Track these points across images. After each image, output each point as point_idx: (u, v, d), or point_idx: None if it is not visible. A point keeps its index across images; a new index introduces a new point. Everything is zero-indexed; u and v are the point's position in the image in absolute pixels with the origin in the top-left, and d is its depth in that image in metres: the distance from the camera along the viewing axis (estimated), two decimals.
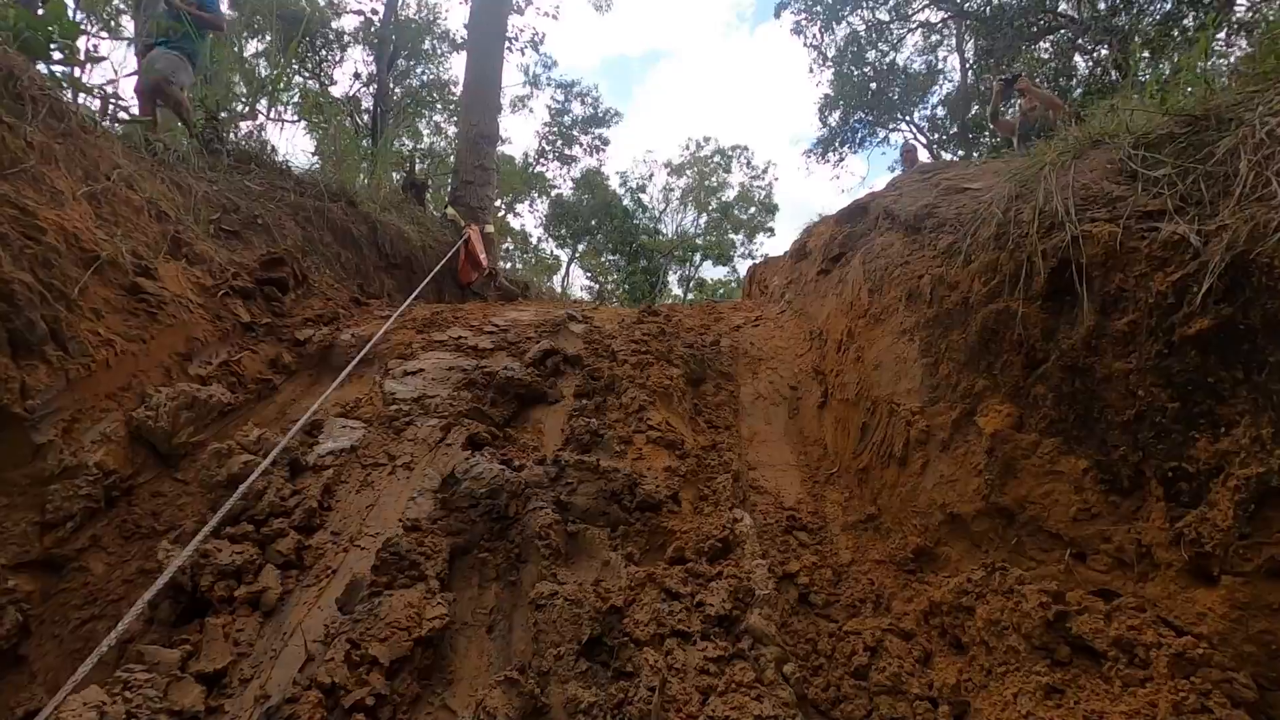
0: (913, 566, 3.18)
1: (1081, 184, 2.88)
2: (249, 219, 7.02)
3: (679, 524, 3.22)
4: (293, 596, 2.71)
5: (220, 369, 4.12)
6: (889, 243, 4.19)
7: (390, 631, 2.40)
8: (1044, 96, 7.78)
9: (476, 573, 2.85)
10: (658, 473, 3.54)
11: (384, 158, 13.22)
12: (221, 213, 6.70)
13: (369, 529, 3.06)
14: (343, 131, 14.60)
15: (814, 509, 3.89)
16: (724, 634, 2.56)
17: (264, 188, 7.93)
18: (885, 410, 3.57)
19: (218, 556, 2.66)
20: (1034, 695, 2.27)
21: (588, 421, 3.79)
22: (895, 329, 3.75)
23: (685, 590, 2.69)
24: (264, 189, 7.90)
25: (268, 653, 2.48)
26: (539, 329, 5.09)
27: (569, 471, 3.17)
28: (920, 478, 3.24)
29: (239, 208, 7.07)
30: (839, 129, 26.89)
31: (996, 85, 8.19)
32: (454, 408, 3.84)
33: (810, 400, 4.67)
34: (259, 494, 2.98)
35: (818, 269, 5.62)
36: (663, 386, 4.20)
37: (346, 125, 20.13)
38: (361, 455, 3.52)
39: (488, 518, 2.96)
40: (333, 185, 9.31)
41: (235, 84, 13.96)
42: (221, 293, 4.54)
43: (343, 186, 9.53)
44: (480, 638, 2.64)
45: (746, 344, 5.32)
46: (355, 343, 4.90)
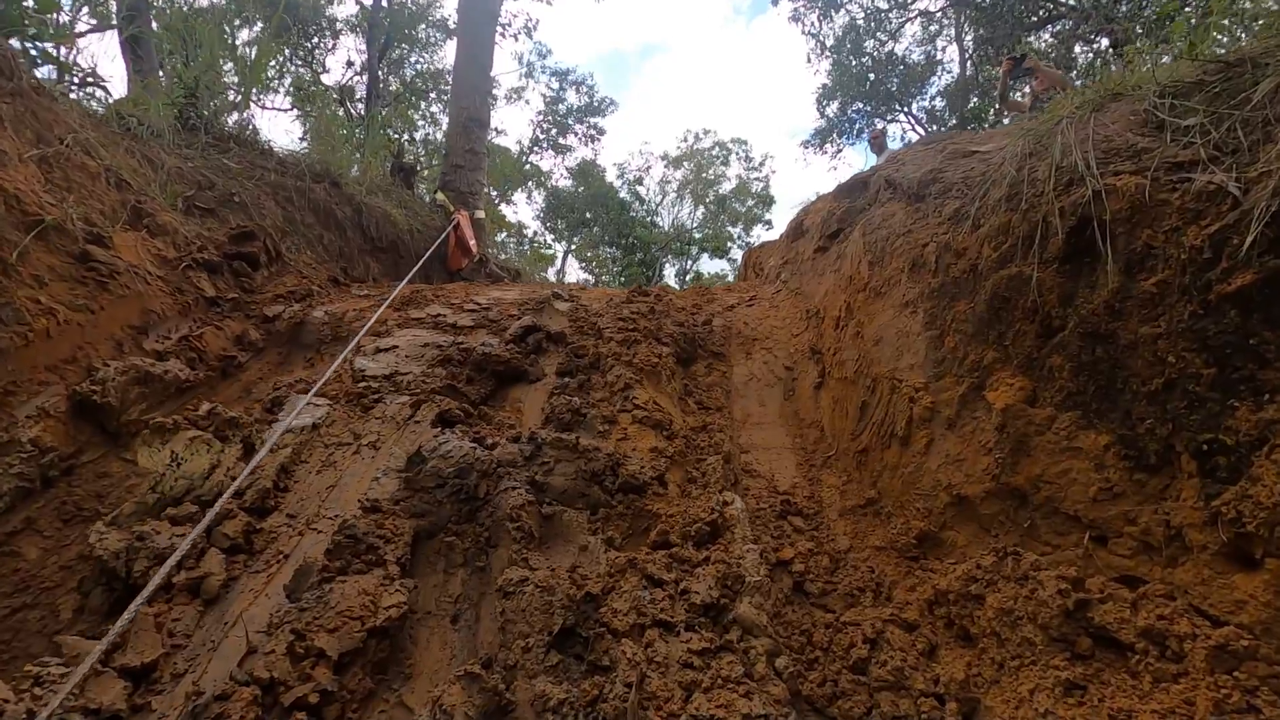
0: (916, 553, 2.96)
1: (1102, 136, 2.64)
2: (225, 196, 6.76)
3: (665, 507, 2.99)
4: (239, 583, 2.48)
5: (179, 344, 3.87)
6: (890, 213, 3.95)
7: (341, 621, 2.17)
8: (1055, 77, 7.50)
9: (442, 558, 2.61)
10: (643, 453, 3.31)
11: (373, 142, 12.94)
12: (196, 189, 6.44)
13: (328, 511, 2.82)
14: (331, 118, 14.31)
15: (810, 493, 3.66)
16: (711, 624, 2.33)
17: (243, 166, 7.67)
18: (886, 387, 3.34)
19: (155, 539, 2.42)
20: (1052, 691, 2.04)
21: (569, 400, 3.55)
22: (897, 302, 3.52)
23: (669, 577, 2.46)
24: (243, 167, 7.64)
25: (206, 644, 2.24)
26: (522, 307, 4.85)
27: (546, 450, 2.94)
28: (924, 458, 3.02)
29: (214, 185, 6.81)
30: (837, 120, 26.61)
31: (1005, 64, 7.91)
32: (426, 385, 3.60)
33: (806, 381, 4.43)
34: (207, 473, 2.74)
35: (815, 247, 5.39)
36: (650, 365, 3.96)
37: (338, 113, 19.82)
38: (325, 434, 3.27)
39: (456, 499, 2.73)
40: (316, 166, 9.04)
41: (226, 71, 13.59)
42: (184, 265, 4.29)
43: (327, 167, 9.24)
44: (444, 628, 2.41)
45: (740, 324, 5.09)
46: (329, 320, 4.66)
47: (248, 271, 4.83)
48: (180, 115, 8.01)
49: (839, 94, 26.21)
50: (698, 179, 35.72)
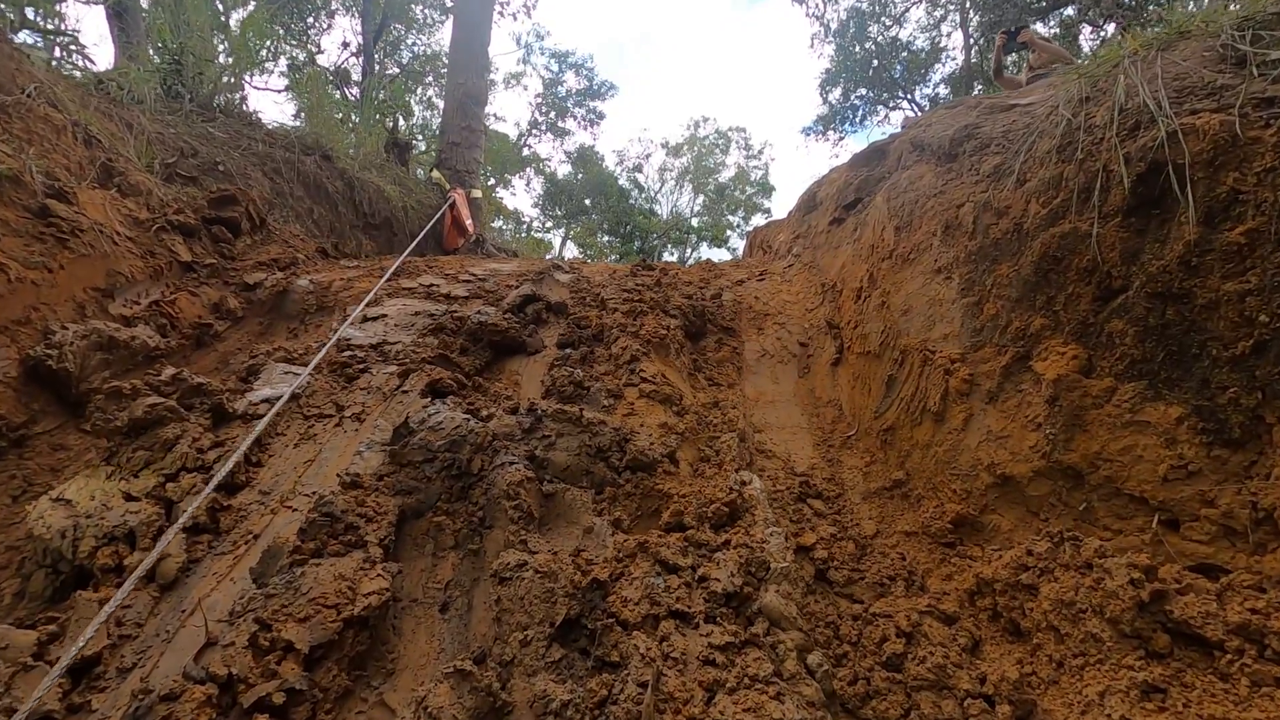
0: (951, 538, 2.69)
1: (1173, 75, 2.36)
2: (209, 165, 6.45)
3: (676, 487, 2.72)
4: (201, 566, 2.20)
5: (150, 309, 3.57)
6: (918, 175, 3.67)
7: (313, 610, 1.89)
8: (1052, 49, 7.12)
9: (431, 540, 2.34)
10: (652, 429, 3.04)
11: (368, 117, 12.58)
12: (178, 156, 6.13)
13: (305, 488, 2.55)
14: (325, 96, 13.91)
15: (829, 475, 3.40)
16: (733, 615, 2.06)
17: (228, 136, 7.36)
18: (917, 360, 3.07)
19: (104, 517, 2.14)
20: (1127, 695, 1.78)
21: (571, 372, 3.27)
22: (928, 268, 3.24)
23: (685, 562, 2.19)
24: (228, 137, 7.33)
25: (160, 635, 1.96)
26: (521, 278, 4.56)
27: (546, 422, 2.66)
28: (962, 435, 2.75)
29: (197, 152, 6.49)
30: (839, 106, 26.21)
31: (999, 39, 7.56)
32: (417, 355, 3.32)
33: (823, 358, 4.16)
34: (168, 444, 2.46)
35: (829, 219, 5.10)
36: (658, 337, 3.68)
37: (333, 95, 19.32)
38: (305, 405, 2.99)
39: (446, 474, 2.45)
40: (307, 138, 8.71)
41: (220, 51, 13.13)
42: (157, 227, 3.98)
43: (318, 139, 8.90)
44: (432, 618, 2.14)
45: (751, 298, 4.81)
46: (314, 289, 4.37)
47: (228, 237, 4.53)
48: (164, 83, 7.68)
49: (842, 79, 25.82)
50: (697, 167, 35.34)
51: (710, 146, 35.54)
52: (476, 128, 12.31)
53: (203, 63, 8.21)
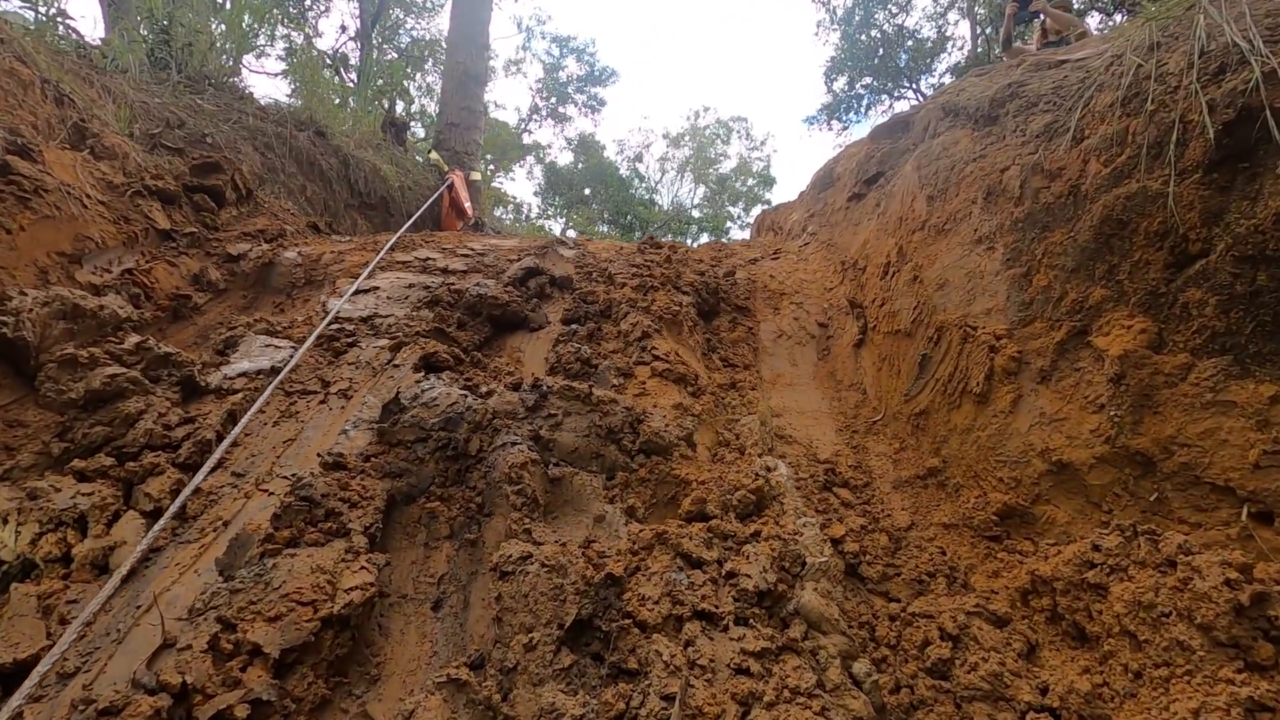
0: (997, 531, 2.45)
1: (1264, 11, 2.10)
2: (196, 137, 6.16)
3: (694, 472, 2.47)
4: (163, 556, 1.94)
5: (122, 278, 3.30)
6: (952, 140, 3.40)
7: (286, 607, 1.64)
8: (1065, 19, 6.81)
9: (423, 528, 2.09)
10: (665, 411, 2.79)
11: (364, 95, 12.26)
12: (163, 127, 5.84)
13: (284, 469, 2.29)
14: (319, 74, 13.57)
15: (855, 462, 3.15)
16: (765, 616, 1.81)
17: (218, 109, 7.07)
18: (955, 337, 2.82)
19: (51, 499, 1.88)
20: (1228, 713, 1.54)
21: (578, 348, 3.02)
22: (966, 238, 2.98)
23: (710, 556, 1.94)
24: (218, 110, 7.04)
25: (110, 635, 1.71)
26: (522, 253, 4.29)
27: (552, 400, 2.41)
28: (1009, 418, 2.50)
29: (184, 124, 6.21)
30: (844, 95, 25.83)
31: (1009, 7, 7.24)
32: (410, 328, 3.06)
33: (844, 339, 3.91)
34: (130, 419, 2.20)
35: (848, 195, 4.83)
36: (670, 313, 3.42)
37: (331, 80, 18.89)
38: (287, 381, 2.73)
39: (441, 455, 2.20)
40: (300, 114, 8.41)
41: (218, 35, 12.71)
42: (133, 192, 3.71)
43: (312, 115, 8.60)
44: (424, 616, 1.89)
45: (765, 277, 4.55)
46: (302, 262, 4.10)
47: (211, 206, 4.25)
48: (151, 54, 7.38)
49: (848, 68, 25.43)
50: (698, 157, 34.97)
51: (711, 137, 35.15)
52: (476, 108, 11.98)
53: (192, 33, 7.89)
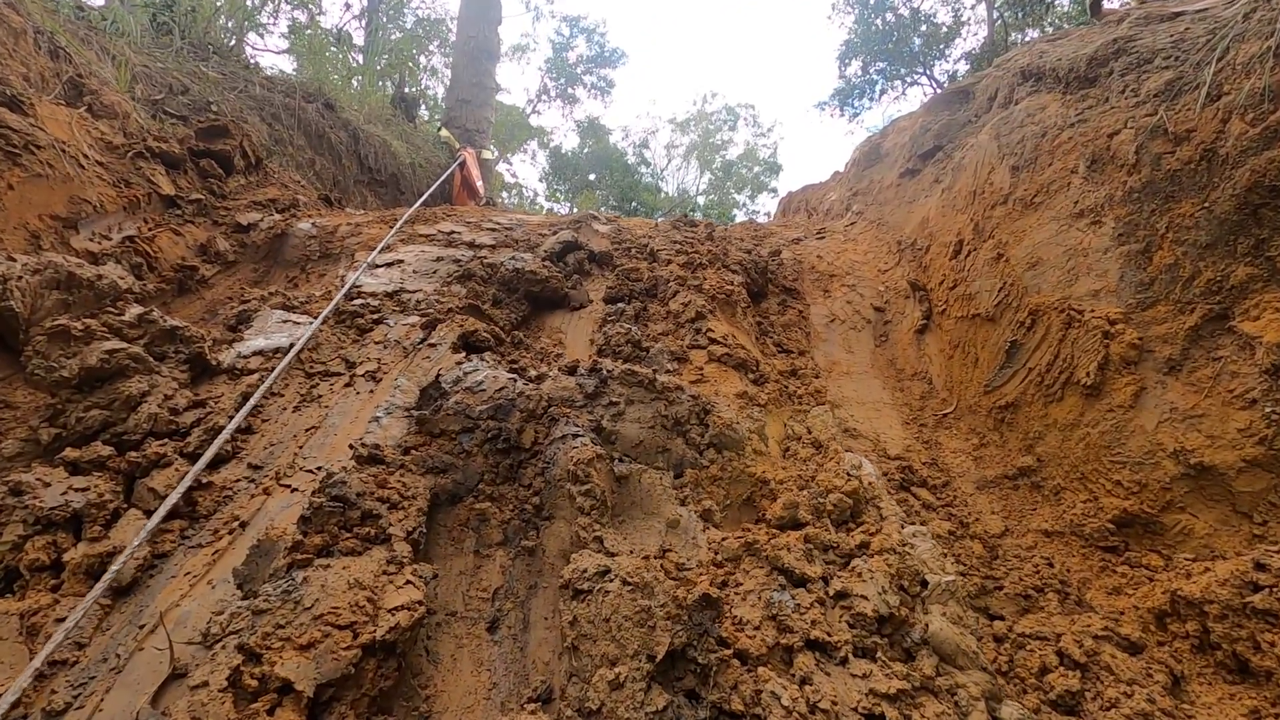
0: (1114, 541, 2.16)
1: None
2: (200, 104, 5.83)
3: (769, 470, 2.18)
4: (170, 564, 1.66)
5: (123, 246, 3.00)
6: (1038, 106, 3.08)
7: (321, 632, 1.35)
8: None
9: (471, 533, 1.80)
10: (729, 400, 2.49)
11: (371, 74, 11.87)
12: (166, 93, 5.51)
13: (307, 461, 2.00)
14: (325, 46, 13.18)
15: (929, 459, 2.86)
16: (888, 646, 1.52)
17: (223, 76, 6.74)
18: (1056, 321, 2.52)
19: (39, 495, 1.59)
20: None
21: (628, 329, 2.72)
22: (1063, 212, 2.67)
23: (812, 571, 1.65)
24: (223, 78, 6.71)
25: (108, 660, 1.42)
26: (554, 227, 3.98)
27: (613, 386, 2.11)
28: (1130, 414, 2.20)
29: (188, 90, 5.87)
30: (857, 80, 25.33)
31: None
32: (441, 304, 2.76)
33: (904, 324, 3.61)
34: (132, 402, 1.90)
35: (900, 171, 4.51)
36: (724, 293, 3.12)
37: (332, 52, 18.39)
38: (307, 360, 2.43)
39: (490, 448, 1.90)
40: (309, 85, 8.07)
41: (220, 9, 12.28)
42: (134, 153, 3.40)
43: (320, 87, 8.26)
44: (478, 639, 1.60)
45: (812, 258, 4.24)
46: (317, 234, 3.79)
47: (218, 173, 3.93)
48: (153, 18, 7.05)
49: (862, 51, 24.92)
50: (704, 143, 34.49)
51: (718, 123, 34.66)
52: (488, 84, 11.60)
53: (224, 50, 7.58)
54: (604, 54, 24.54)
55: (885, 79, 27.87)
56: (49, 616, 1.45)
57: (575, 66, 23.88)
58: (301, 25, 20.73)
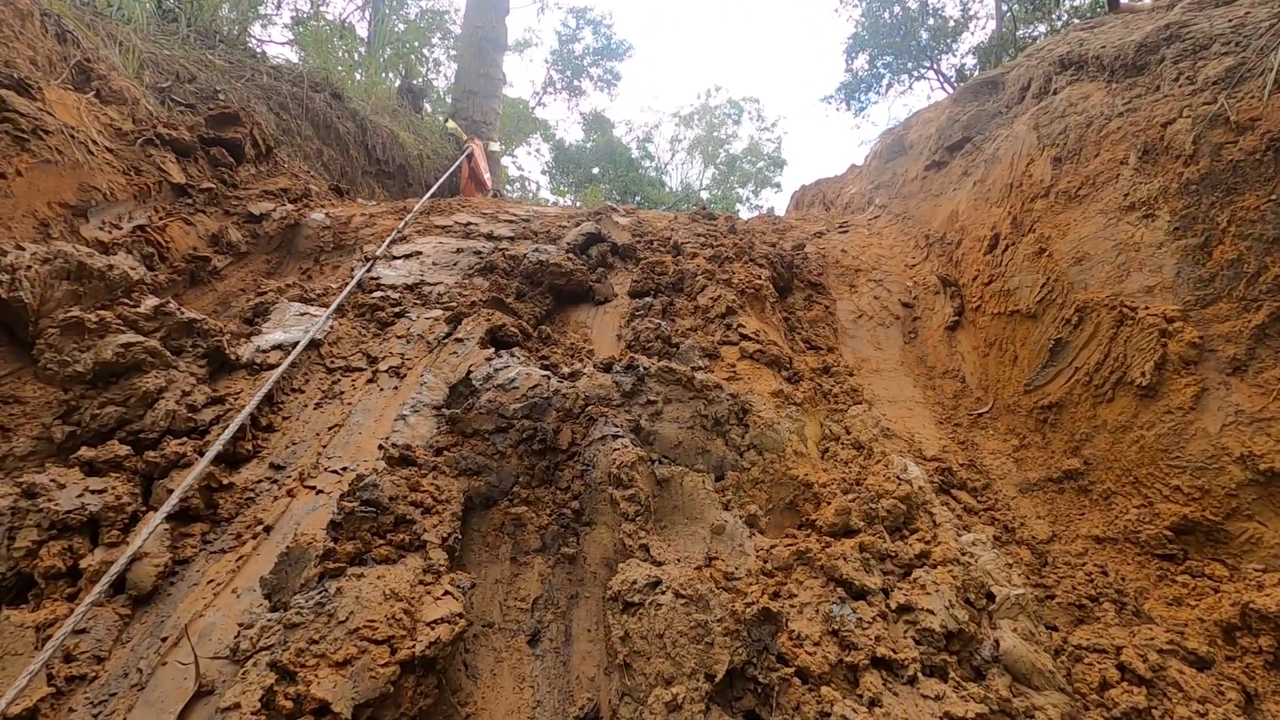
0: (1172, 549, 2.07)
1: None
2: (207, 93, 5.75)
3: (812, 472, 2.08)
4: (191, 570, 1.57)
5: (133, 235, 2.90)
6: (1081, 95, 2.98)
7: (357, 647, 1.26)
8: None
9: (507, 538, 1.71)
10: (765, 398, 2.40)
11: (375, 64, 11.74)
12: (173, 81, 5.42)
13: (332, 461, 1.91)
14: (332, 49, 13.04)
15: (966, 460, 2.77)
16: (957, 664, 1.43)
17: (230, 65, 6.65)
18: (1106, 319, 2.42)
19: (55, 497, 1.50)
20: None
21: (657, 325, 2.62)
22: (1112, 204, 2.57)
23: (871, 583, 1.55)
24: (229, 66, 6.62)
25: (129, 675, 1.33)
26: (573, 219, 3.88)
27: (650, 384, 2.01)
28: (1190, 416, 2.10)
29: (195, 78, 5.79)
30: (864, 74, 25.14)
31: None
32: (464, 297, 2.66)
33: (934, 321, 3.51)
34: (149, 398, 1.81)
35: (926, 163, 4.41)
36: (753, 287, 3.02)
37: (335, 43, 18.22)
38: (327, 355, 2.34)
39: (525, 449, 1.81)
40: (316, 74, 7.97)
41: None
42: (144, 140, 3.29)
43: (327, 76, 8.17)
44: (518, 653, 1.51)
45: (837, 252, 4.14)
46: (331, 224, 3.69)
47: (229, 161, 3.83)
48: (159, 5, 6.96)
49: (869, 45, 24.72)
50: (709, 138, 34.30)
51: (722, 117, 34.46)
52: (495, 75, 11.46)
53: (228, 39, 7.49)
54: (610, 46, 24.32)
55: (892, 73, 27.66)
56: (64, 626, 1.35)
57: (581, 59, 23.68)
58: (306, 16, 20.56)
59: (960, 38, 27.29)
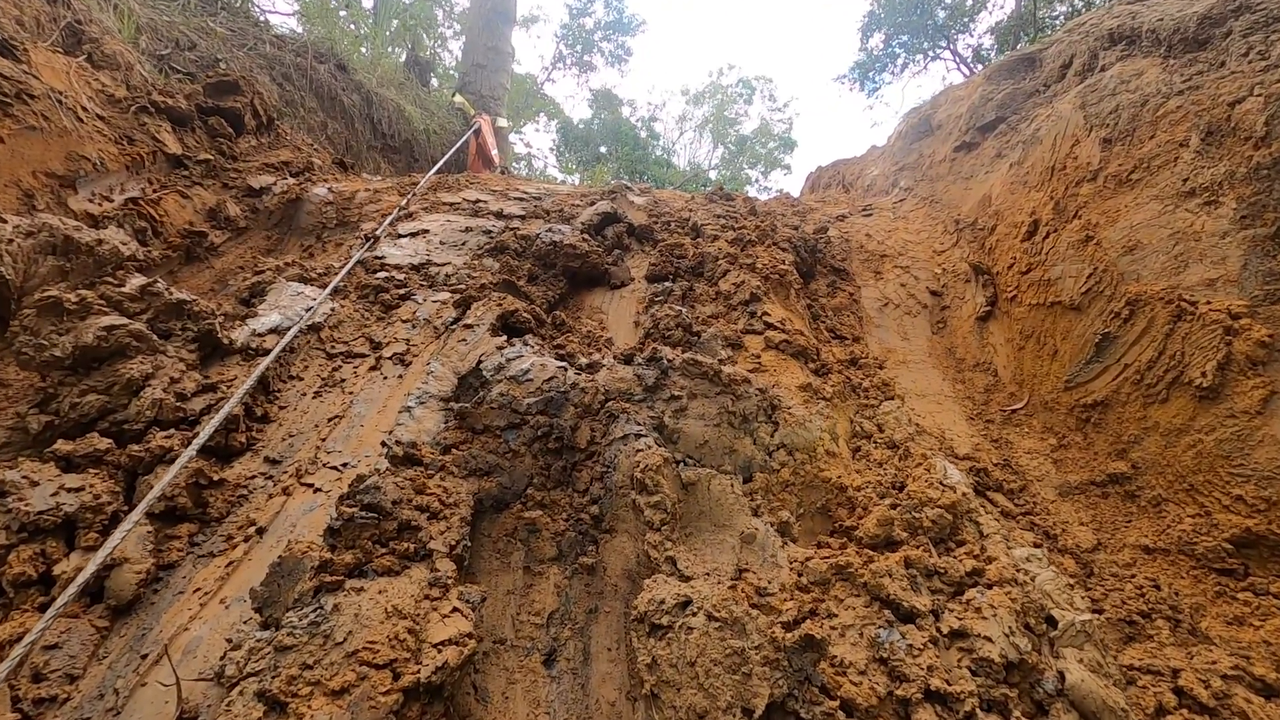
0: (1232, 564, 1.92)
1: None
2: (208, 62, 5.55)
3: (844, 474, 1.94)
4: (176, 576, 1.44)
5: (125, 209, 2.75)
6: (1133, 71, 2.78)
7: (356, 673, 1.13)
8: None
9: (520, 545, 1.57)
10: (792, 392, 2.25)
11: (381, 37, 11.47)
12: (172, 48, 5.23)
13: (332, 456, 1.77)
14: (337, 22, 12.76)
15: (1000, 459, 2.62)
16: (1018, 698, 1.30)
17: (231, 33, 6.45)
18: (1161, 314, 2.25)
19: (27, 496, 1.37)
20: None
21: (678, 312, 2.47)
22: (1169, 190, 2.39)
23: (920, 604, 1.41)
24: (231, 34, 6.42)
25: (105, 696, 1.21)
26: (586, 198, 3.71)
27: (674, 377, 1.87)
28: (1257, 420, 1.95)
29: (195, 46, 5.59)
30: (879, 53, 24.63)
31: None
32: (474, 280, 2.51)
33: (964, 310, 3.34)
34: (133, 386, 1.67)
35: (955, 144, 4.21)
36: (777, 272, 2.86)
37: None
38: (328, 340, 2.20)
39: (540, 447, 1.67)
40: (320, 45, 7.76)
41: None
42: (138, 107, 3.13)
43: (332, 47, 7.95)
44: (532, 674, 1.38)
45: (861, 236, 3.96)
46: (334, 200, 3.53)
47: (227, 132, 3.66)
48: None
49: (885, 23, 24.20)
50: (718, 116, 33.80)
51: (733, 95, 33.92)
52: (504, 49, 11.19)
53: None
54: (622, 20, 23.87)
55: (908, 52, 27.14)
56: (35, 645, 1.23)
57: (593, 33, 23.24)
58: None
59: (978, 17, 26.56)
